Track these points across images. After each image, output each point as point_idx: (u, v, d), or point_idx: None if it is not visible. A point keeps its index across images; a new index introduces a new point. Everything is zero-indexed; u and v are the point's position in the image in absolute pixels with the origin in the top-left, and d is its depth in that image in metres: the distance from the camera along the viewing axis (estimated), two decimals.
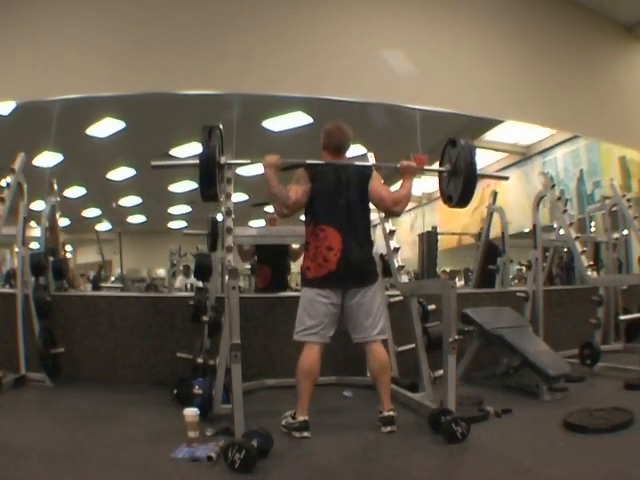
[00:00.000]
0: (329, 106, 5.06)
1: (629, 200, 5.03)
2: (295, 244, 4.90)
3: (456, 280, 5.73)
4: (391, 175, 5.78)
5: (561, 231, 4.61)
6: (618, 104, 6.21)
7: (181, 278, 5.98)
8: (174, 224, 6.92)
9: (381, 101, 5.08)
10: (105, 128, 5.48)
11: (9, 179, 3.86)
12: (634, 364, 3.83)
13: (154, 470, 2.23)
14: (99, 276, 6.12)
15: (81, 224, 6.33)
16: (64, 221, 4.84)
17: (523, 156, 6.75)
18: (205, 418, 2.73)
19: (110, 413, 3.14)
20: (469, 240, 6.03)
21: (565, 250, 5.75)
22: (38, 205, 4.47)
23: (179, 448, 2.39)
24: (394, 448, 2.50)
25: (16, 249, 4.06)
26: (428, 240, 5.62)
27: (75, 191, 6.13)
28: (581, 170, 6.63)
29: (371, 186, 2.89)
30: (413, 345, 3.29)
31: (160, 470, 2.22)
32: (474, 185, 3.10)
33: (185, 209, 6.57)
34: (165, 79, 4.69)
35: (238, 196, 4.49)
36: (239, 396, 2.50)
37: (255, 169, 6.10)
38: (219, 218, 3.70)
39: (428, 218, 5.97)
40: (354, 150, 5.47)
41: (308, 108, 5.36)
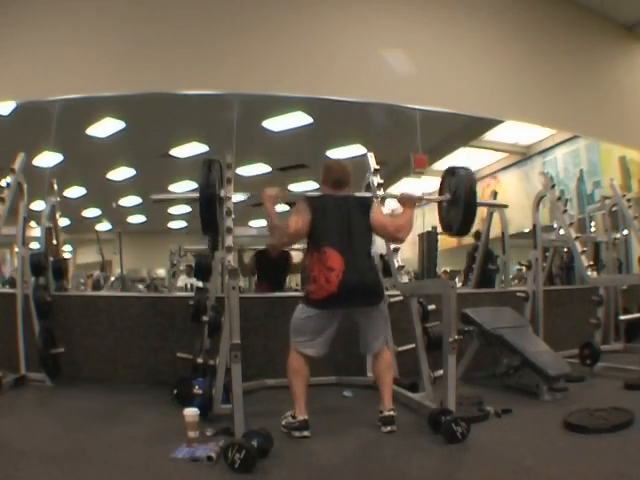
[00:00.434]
0: (329, 106, 5.07)
1: (629, 200, 5.03)
2: (296, 258, 4.92)
3: (456, 280, 5.73)
4: (391, 175, 5.80)
5: (561, 231, 4.61)
6: (618, 104, 6.21)
7: (183, 277, 5.98)
8: (174, 224, 6.93)
9: (381, 101, 5.08)
10: (105, 128, 5.48)
11: (9, 179, 3.86)
12: (634, 364, 3.83)
13: (154, 470, 2.23)
14: (104, 279, 6.15)
15: (81, 224, 6.34)
16: (64, 221, 4.83)
17: (523, 156, 6.76)
18: (205, 418, 2.73)
19: (110, 413, 3.14)
20: (469, 240, 6.03)
21: (565, 250, 5.76)
22: (38, 205, 4.47)
23: (179, 448, 2.39)
24: (394, 448, 2.50)
25: (16, 249, 4.06)
26: (428, 240, 5.62)
27: (75, 191, 6.14)
28: (581, 170, 6.63)
29: (373, 215, 2.89)
30: (413, 345, 3.29)
31: (160, 470, 2.23)
32: (474, 214, 3.14)
33: (185, 209, 6.57)
34: (165, 79, 4.69)
35: (238, 196, 4.50)
36: (239, 396, 2.50)
37: (255, 169, 6.17)
38: None
39: (428, 218, 5.96)
40: (354, 150, 5.52)
41: (308, 108, 5.36)
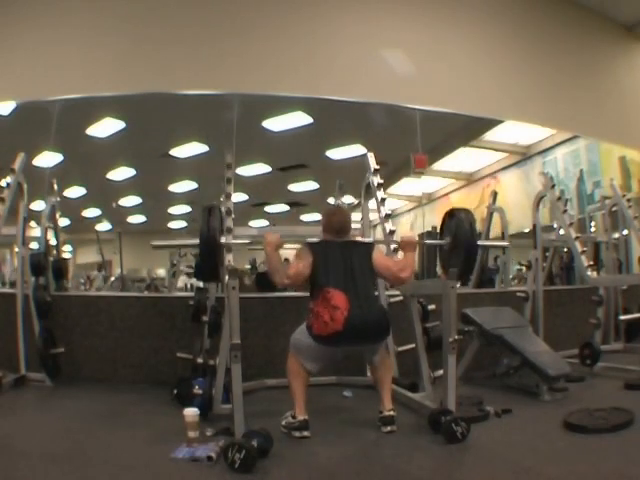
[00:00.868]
0: (329, 106, 5.07)
1: (629, 200, 5.03)
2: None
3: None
4: (391, 175, 5.80)
5: (561, 231, 4.61)
6: (618, 104, 6.20)
7: (183, 278, 5.99)
8: (174, 224, 6.93)
9: (381, 101, 5.08)
10: (105, 128, 5.48)
11: (9, 179, 3.86)
12: (634, 364, 3.84)
13: (154, 470, 2.23)
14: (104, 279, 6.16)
15: (81, 224, 6.34)
16: (64, 221, 4.83)
17: (523, 156, 6.75)
18: (205, 418, 2.73)
19: (110, 413, 3.14)
20: None
21: (565, 250, 5.76)
22: (38, 205, 4.47)
23: (179, 448, 2.39)
24: (394, 448, 2.50)
25: (16, 249, 4.06)
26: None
27: (75, 191, 6.14)
28: (581, 170, 6.62)
29: (375, 258, 2.90)
30: (413, 345, 3.29)
31: (160, 470, 2.23)
32: (475, 258, 3.17)
33: (185, 209, 6.58)
34: (165, 79, 4.69)
35: (238, 196, 4.50)
36: (239, 396, 2.50)
37: (255, 169, 6.17)
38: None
39: (428, 218, 5.97)
40: (354, 150, 5.52)
41: (308, 108, 5.36)
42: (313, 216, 6.89)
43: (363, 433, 2.71)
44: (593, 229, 6.34)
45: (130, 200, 6.58)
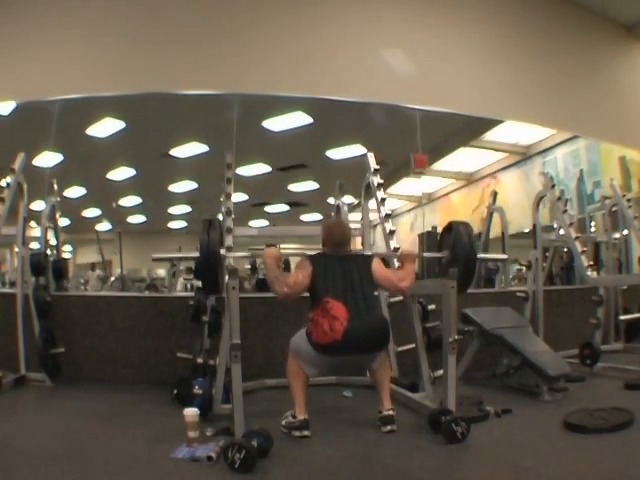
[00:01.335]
0: (329, 106, 5.07)
1: (629, 200, 5.03)
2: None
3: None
4: (391, 175, 5.80)
5: (561, 231, 4.61)
6: (618, 104, 6.21)
7: (182, 279, 5.99)
8: (174, 224, 6.94)
9: (381, 101, 5.09)
10: (105, 128, 5.48)
11: (9, 179, 3.86)
12: (634, 364, 3.84)
13: (154, 470, 2.23)
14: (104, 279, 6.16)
15: (81, 224, 6.34)
16: (64, 221, 4.83)
17: (523, 156, 6.75)
18: (205, 418, 2.73)
19: (110, 413, 3.14)
20: None
21: (565, 250, 5.76)
22: (38, 205, 4.48)
23: (179, 448, 2.39)
24: (394, 448, 2.50)
25: (16, 249, 4.06)
26: (428, 240, 5.63)
27: (75, 191, 6.14)
28: (581, 170, 6.63)
29: (375, 269, 2.91)
30: (413, 345, 3.28)
31: (160, 470, 2.23)
32: (473, 271, 3.17)
33: (185, 209, 6.58)
34: (165, 79, 4.69)
35: (238, 196, 4.50)
36: (239, 396, 2.50)
37: (255, 169, 6.17)
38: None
39: (428, 218, 5.98)
40: (354, 150, 5.52)
41: (308, 108, 5.36)
42: (313, 216, 6.90)
43: (363, 433, 2.71)
44: (593, 229, 6.34)
45: (130, 200, 6.58)
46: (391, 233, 3.51)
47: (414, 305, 3.31)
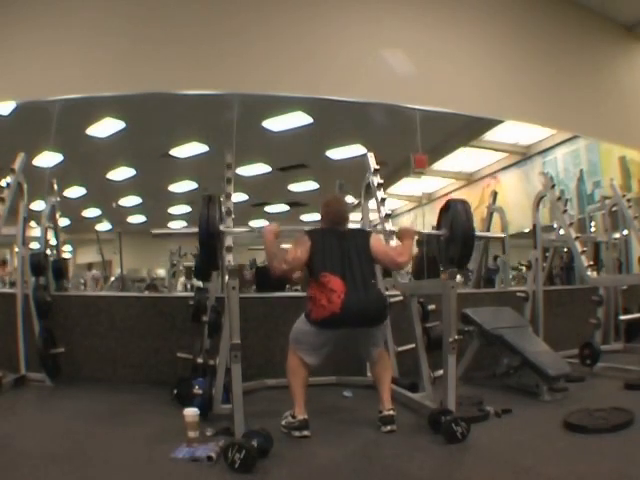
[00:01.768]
0: (329, 106, 5.07)
1: (629, 200, 5.03)
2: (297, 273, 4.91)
3: (457, 277, 5.71)
4: (391, 175, 5.80)
5: (561, 231, 4.61)
6: (618, 104, 6.21)
7: (182, 280, 5.99)
8: (174, 224, 6.93)
9: (381, 101, 5.08)
10: (105, 128, 5.48)
11: (9, 179, 3.86)
12: (634, 364, 3.84)
13: (154, 470, 2.23)
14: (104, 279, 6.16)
15: (81, 224, 6.34)
16: (64, 221, 4.83)
17: (523, 156, 6.75)
18: (205, 418, 2.73)
19: (110, 413, 3.14)
20: None
21: (565, 250, 5.75)
22: (38, 205, 4.47)
23: (179, 448, 2.39)
24: (394, 448, 2.50)
25: (16, 249, 4.06)
26: (428, 240, 5.62)
27: (75, 191, 6.14)
28: (581, 170, 6.63)
29: (373, 244, 2.93)
30: (413, 345, 3.28)
31: (160, 470, 2.23)
32: (472, 248, 3.21)
33: (185, 209, 6.57)
34: (165, 79, 4.69)
35: (238, 196, 4.50)
36: (239, 396, 2.50)
37: (255, 169, 6.17)
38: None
39: (428, 218, 5.97)
40: (354, 150, 5.52)
41: (308, 108, 5.36)
42: (313, 216, 6.87)
43: (363, 433, 2.71)
44: (593, 229, 6.34)
45: (130, 200, 6.58)
46: (391, 233, 3.52)
47: (414, 305, 3.31)
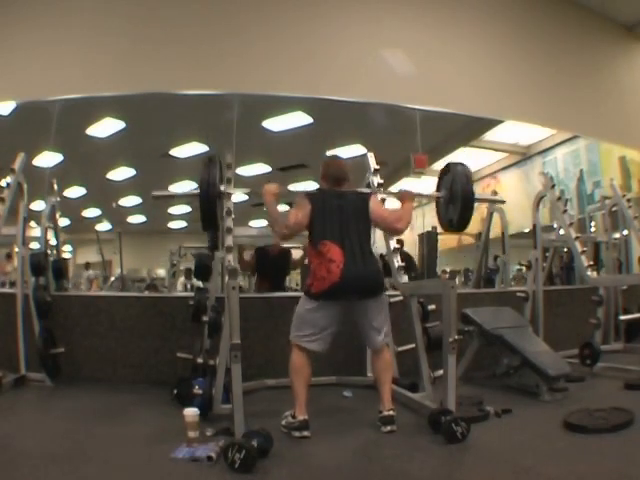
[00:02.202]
0: (329, 106, 5.07)
1: (629, 200, 5.03)
2: (296, 255, 4.93)
3: (456, 280, 5.74)
4: (391, 175, 5.80)
5: (561, 231, 4.61)
6: (618, 104, 6.21)
7: (182, 280, 5.99)
8: (174, 224, 6.94)
9: (381, 101, 5.09)
10: (105, 128, 5.49)
11: (9, 179, 3.86)
12: (634, 364, 3.84)
13: (154, 470, 2.23)
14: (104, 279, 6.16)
15: (81, 224, 6.34)
16: (64, 221, 4.83)
17: (523, 156, 6.76)
18: (205, 418, 2.73)
19: (110, 413, 3.14)
20: (469, 240, 6.04)
21: (565, 250, 5.75)
22: (38, 205, 4.47)
23: (179, 448, 2.39)
24: (394, 448, 2.50)
25: (16, 249, 4.06)
26: (428, 240, 5.63)
27: (75, 191, 6.15)
28: (581, 170, 6.63)
29: (372, 208, 2.92)
30: (413, 345, 3.29)
31: (160, 470, 2.23)
32: (471, 210, 3.21)
33: (185, 209, 6.57)
34: (165, 79, 4.69)
35: (238, 196, 4.50)
36: (239, 396, 2.50)
37: (255, 169, 6.17)
38: None
39: (428, 218, 5.97)
40: (354, 150, 5.52)
41: (308, 108, 5.37)
42: None
43: (363, 433, 2.71)
44: (593, 229, 6.34)
45: (130, 200, 6.58)
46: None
47: (414, 305, 3.31)
